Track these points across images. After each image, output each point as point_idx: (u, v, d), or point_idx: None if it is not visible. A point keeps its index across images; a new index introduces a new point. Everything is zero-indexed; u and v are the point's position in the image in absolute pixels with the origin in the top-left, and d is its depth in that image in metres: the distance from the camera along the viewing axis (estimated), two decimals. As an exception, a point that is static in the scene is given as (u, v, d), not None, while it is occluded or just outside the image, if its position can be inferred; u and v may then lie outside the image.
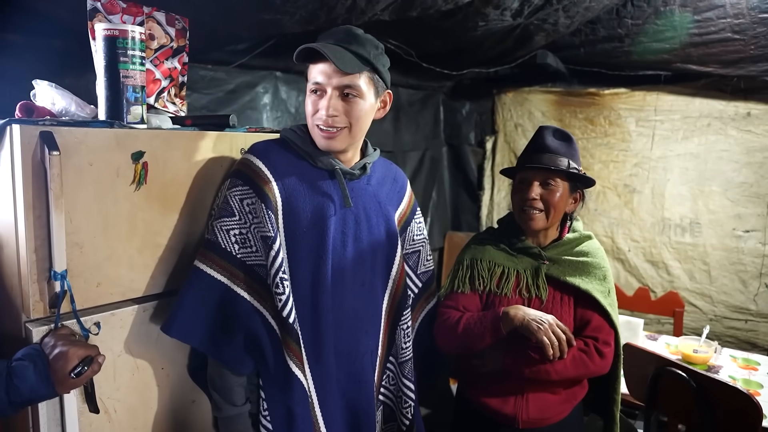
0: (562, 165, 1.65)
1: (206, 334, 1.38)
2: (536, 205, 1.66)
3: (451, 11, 2.45)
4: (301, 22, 2.06)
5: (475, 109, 4.60)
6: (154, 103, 1.60)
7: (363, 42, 1.40)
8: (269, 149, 1.45)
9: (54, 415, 1.25)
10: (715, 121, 3.65)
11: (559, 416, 1.68)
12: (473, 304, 1.71)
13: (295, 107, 3.12)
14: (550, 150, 1.67)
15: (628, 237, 3.97)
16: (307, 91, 1.43)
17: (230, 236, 1.38)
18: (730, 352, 2.69)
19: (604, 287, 1.69)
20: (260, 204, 1.38)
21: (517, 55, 3.49)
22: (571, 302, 1.69)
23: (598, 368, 1.63)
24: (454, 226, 4.64)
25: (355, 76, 1.38)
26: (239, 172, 1.42)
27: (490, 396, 1.69)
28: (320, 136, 1.42)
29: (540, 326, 1.52)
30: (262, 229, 1.38)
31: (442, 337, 1.68)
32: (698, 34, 3.01)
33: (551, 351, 1.51)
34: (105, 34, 1.35)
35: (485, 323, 1.60)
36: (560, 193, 1.66)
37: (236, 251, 1.38)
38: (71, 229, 1.25)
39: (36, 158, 1.18)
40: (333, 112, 1.38)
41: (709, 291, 3.74)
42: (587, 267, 1.70)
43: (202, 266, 1.38)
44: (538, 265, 1.71)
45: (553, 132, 1.71)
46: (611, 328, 1.66)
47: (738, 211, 3.64)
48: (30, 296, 1.21)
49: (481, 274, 1.72)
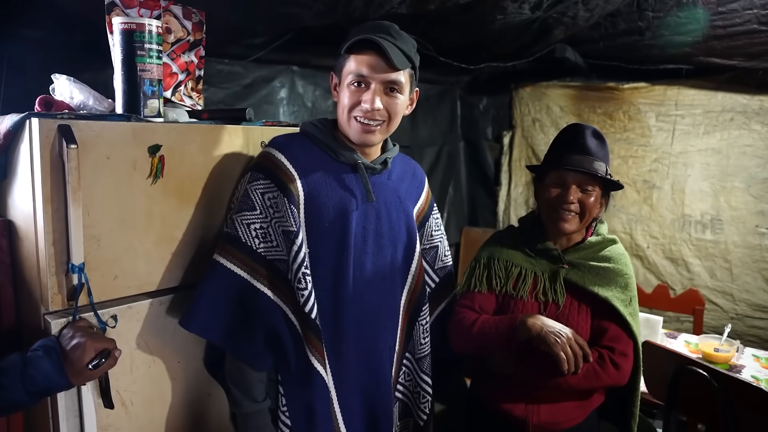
0: (600, 170, 1.61)
1: (225, 330, 1.37)
2: (573, 209, 1.62)
3: (469, 4, 2.43)
4: (319, 16, 2.06)
5: (493, 104, 4.56)
6: (171, 96, 1.60)
7: (405, 39, 1.40)
8: (291, 142, 1.45)
9: (72, 407, 1.26)
10: (739, 116, 3.58)
11: (573, 422, 1.63)
12: (489, 305, 1.68)
13: (311, 101, 3.12)
14: (590, 152, 1.62)
15: (647, 233, 3.92)
16: (344, 83, 1.40)
17: (251, 230, 1.37)
18: (752, 352, 2.64)
19: (625, 295, 1.63)
20: (282, 198, 1.37)
21: (536, 49, 3.44)
22: (589, 310, 1.63)
23: (613, 380, 1.58)
24: (471, 221, 4.62)
25: (400, 72, 1.39)
26: (260, 166, 1.41)
27: (501, 397, 1.66)
28: (359, 129, 1.40)
29: (558, 340, 1.47)
30: (284, 223, 1.37)
31: (455, 336, 1.66)
32: (722, 26, 2.94)
33: (566, 366, 1.46)
34: (122, 27, 1.36)
35: (501, 329, 1.56)
36: (595, 197, 1.63)
37: (257, 245, 1.38)
38: (89, 222, 1.25)
39: (54, 151, 1.19)
40: (378, 106, 1.38)
41: (731, 289, 3.67)
42: (609, 273, 1.64)
43: (221, 260, 1.37)
44: (557, 268, 1.66)
45: (592, 132, 1.65)
46: (629, 339, 1.61)
47: (761, 207, 3.56)
48: (48, 289, 1.22)
49: (498, 274, 1.68)
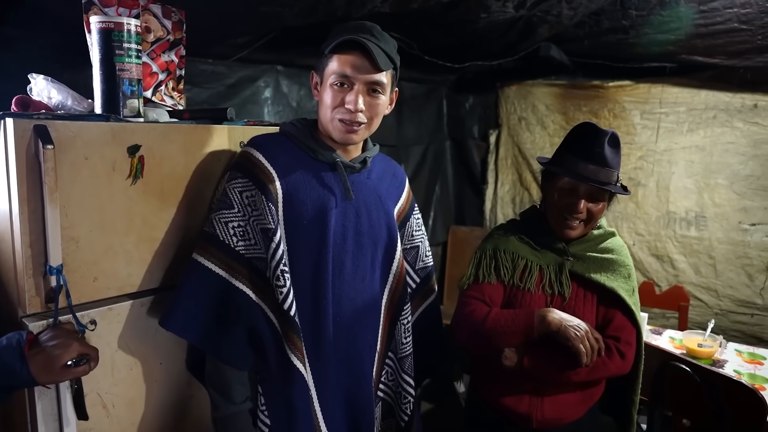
0: (613, 179, 1.61)
1: (203, 329, 1.37)
2: (581, 217, 1.63)
3: (452, 3, 2.43)
4: (301, 15, 2.05)
5: (479, 103, 4.57)
6: (151, 96, 1.59)
7: (387, 39, 1.41)
8: (269, 142, 1.45)
9: (51, 410, 1.25)
10: (721, 114, 3.62)
11: (575, 416, 1.65)
12: (498, 296, 1.67)
13: (296, 101, 3.11)
14: (606, 163, 1.59)
15: (632, 231, 3.95)
16: (327, 83, 1.39)
17: (229, 229, 1.37)
18: (735, 347, 2.66)
19: (628, 285, 1.66)
20: (260, 196, 1.37)
21: (521, 47, 3.46)
22: (594, 300, 1.65)
23: (619, 369, 1.60)
24: (458, 220, 4.62)
25: (383, 73, 1.39)
26: (239, 165, 1.41)
27: (504, 394, 1.65)
28: (341, 129, 1.40)
29: (578, 333, 1.49)
30: (262, 221, 1.37)
31: (465, 330, 1.63)
32: (704, 25, 2.97)
33: (585, 360, 1.48)
34: (100, 26, 1.34)
35: (517, 323, 1.55)
36: (603, 205, 1.64)
37: (235, 244, 1.37)
38: (67, 223, 1.24)
39: (30, 152, 1.17)
40: (361, 107, 1.38)
41: (715, 285, 3.71)
42: (612, 264, 1.66)
43: (200, 259, 1.37)
44: (562, 261, 1.67)
45: (609, 139, 1.60)
46: (633, 327, 1.63)
47: (744, 204, 3.60)
48: (26, 291, 1.21)
49: (505, 264, 1.68)
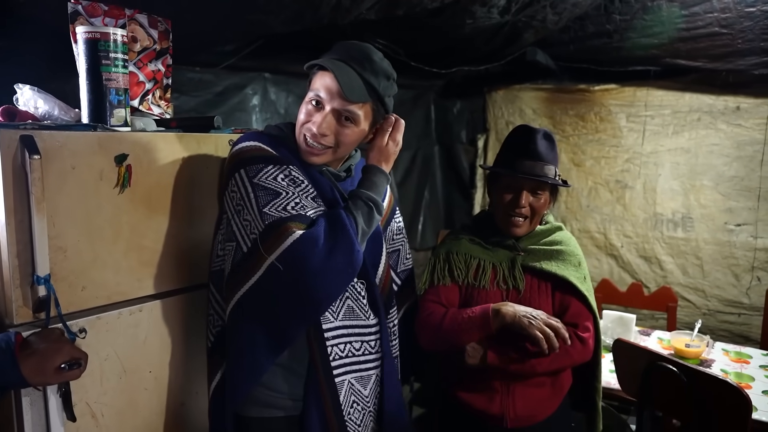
0: (550, 174, 1.66)
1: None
2: (525, 212, 1.67)
3: (437, 9, 2.45)
4: (287, 23, 2.06)
5: (467, 107, 4.60)
6: (138, 105, 1.60)
7: (377, 71, 1.37)
8: (261, 137, 1.41)
9: (39, 420, 1.25)
10: (705, 116, 3.66)
11: (547, 412, 1.68)
12: (454, 297, 1.72)
13: (284, 108, 3.12)
14: (540, 157, 1.65)
15: (620, 233, 3.98)
16: (306, 98, 1.39)
17: (289, 210, 1.29)
18: (722, 346, 2.69)
19: (579, 273, 1.71)
20: (294, 172, 1.35)
21: (507, 52, 3.49)
22: (549, 290, 1.70)
23: (581, 356, 1.64)
24: (447, 224, 4.64)
25: (357, 105, 1.35)
26: (253, 158, 1.34)
27: (475, 395, 1.68)
28: (304, 147, 1.39)
29: (532, 321, 1.53)
30: (309, 191, 1.36)
31: (425, 332, 1.67)
32: (686, 29, 3.02)
33: (545, 345, 1.51)
34: (86, 37, 1.35)
35: (474, 320, 1.59)
36: (544, 200, 1.69)
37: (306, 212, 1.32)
38: (54, 233, 1.24)
39: (17, 162, 1.18)
40: (324, 131, 1.35)
41: (702, 285, 3.75)
42: (561, 254, 1.72)
43: (296, 233, 1.27)
44: (514, 256, 1.73)
45: (542, 136, 1.68)
46: (590, 313, 1.68)
47: (729, 205, 3.65)
48: (13, 301, 1.21)
49: (458, 266, 1.73)
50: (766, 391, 2.18)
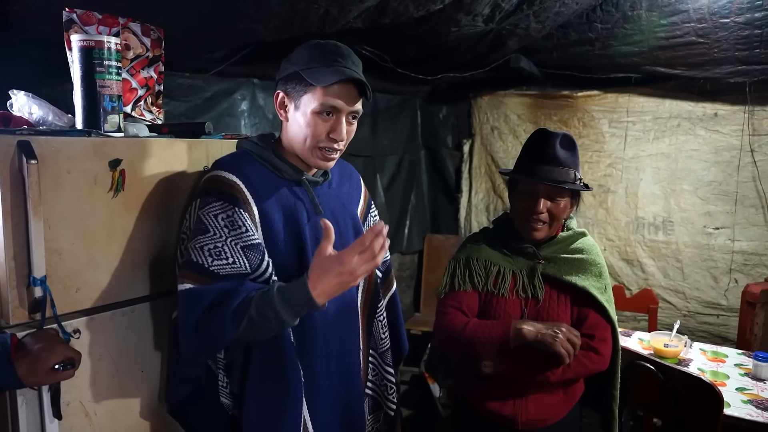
0: (569, 179, 1.64)
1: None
2: (543, 218, 1.66)
3: (423, 18, 2.51)
4: (276, 31, 2.10)
5: (453, 113, 4.66)
6: (131, 111, 1.63)
7: (359, 62, 1.41)
8: (237, 162, 1.42)
9: (34, 419, 1.27)
10: (685, 122, 3.75)
11: (559, 416, 1.70)
12: (474, 303, 1.72)
13: (272, 113, 3.15)
14: (559, 162, 1.64)
15: (603, 236, 4.06)
16: (308, 110, 1.36)
17: (204, 251, 1.33)
18: (700, 346, 2.77)
19: (600, 284, 1.71)
20: (239, 214, 1.35)
21: (492, 59, 3.56)
22: (568, 300, 1.70)
23: (597, 366, 1.65)
24: (434, 228, 4.70)
25: (361, 102, 1.41)
26: (211, 189, 1.37)
27: (489, 398, 1.70)
28: (320, 156, 1.40)
29: (556, 338, 1.54)
30: (243, 238, 1.34)
31: (444, 337, 1.68)
32: (665, 38, 3.11)
33: (568, 360, 1.54)
34: (81, 44, 1.38)
35: (494, 335, 1.60)
36: (564, 205, 1.68)
37: (209, 264, 1.33)
38: (50, 235, 1.27)
39: (14, 167, 1.21)
40: (344, 136, 1.39)
41: (683, 287, 3.83)
42: (583, 264, 1.71)
43: (187, 286, 1.32)
44: (534, 264, 1.72)
45: (560, 140, 1.66)
46: (608, 324, 1.68)
47: (708, 208, 3.74)
48: (9, 302, 1.24)
49: (478, 272, 1.73)
50: (740, 389, 2.25)
